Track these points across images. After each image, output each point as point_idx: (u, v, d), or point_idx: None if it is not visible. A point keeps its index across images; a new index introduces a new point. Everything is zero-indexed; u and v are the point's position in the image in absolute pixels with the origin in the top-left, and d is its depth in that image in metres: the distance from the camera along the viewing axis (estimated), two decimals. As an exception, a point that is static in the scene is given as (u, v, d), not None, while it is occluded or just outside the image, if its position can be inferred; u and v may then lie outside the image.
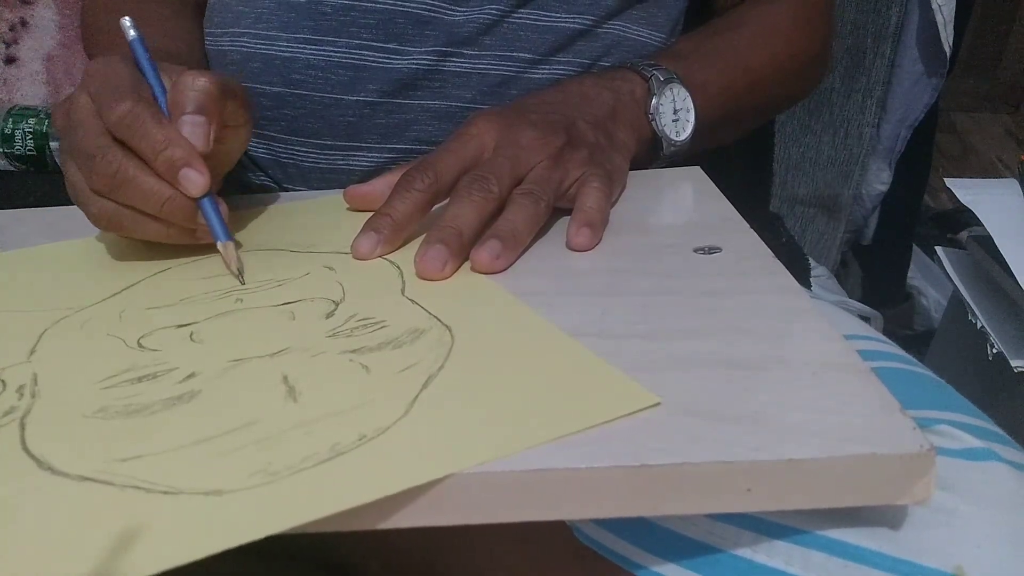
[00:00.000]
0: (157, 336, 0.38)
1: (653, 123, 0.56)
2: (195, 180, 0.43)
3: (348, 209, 0.52)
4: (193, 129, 0.43)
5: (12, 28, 0.91)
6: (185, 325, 0.39)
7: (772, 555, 0.32)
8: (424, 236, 0.43)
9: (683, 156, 0.58)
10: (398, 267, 0.44)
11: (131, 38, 0.46)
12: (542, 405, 0.31)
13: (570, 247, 0.45)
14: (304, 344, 0.37)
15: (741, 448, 0.28)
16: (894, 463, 0.28)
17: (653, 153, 0.57)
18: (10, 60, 0.91)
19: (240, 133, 0.48)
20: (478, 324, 0.38)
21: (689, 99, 0.57)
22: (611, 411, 0.30)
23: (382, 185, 0.50)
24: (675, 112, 0.56)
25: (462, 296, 0.40)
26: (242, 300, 0.42)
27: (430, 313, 0.39)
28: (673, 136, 0.57)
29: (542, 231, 0.46)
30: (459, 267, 0.43)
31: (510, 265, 0.43)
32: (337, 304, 0.40)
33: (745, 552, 0.32)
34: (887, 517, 0.31)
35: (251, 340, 0.37)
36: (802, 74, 0.68)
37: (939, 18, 0.85)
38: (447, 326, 0.37)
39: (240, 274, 0.44)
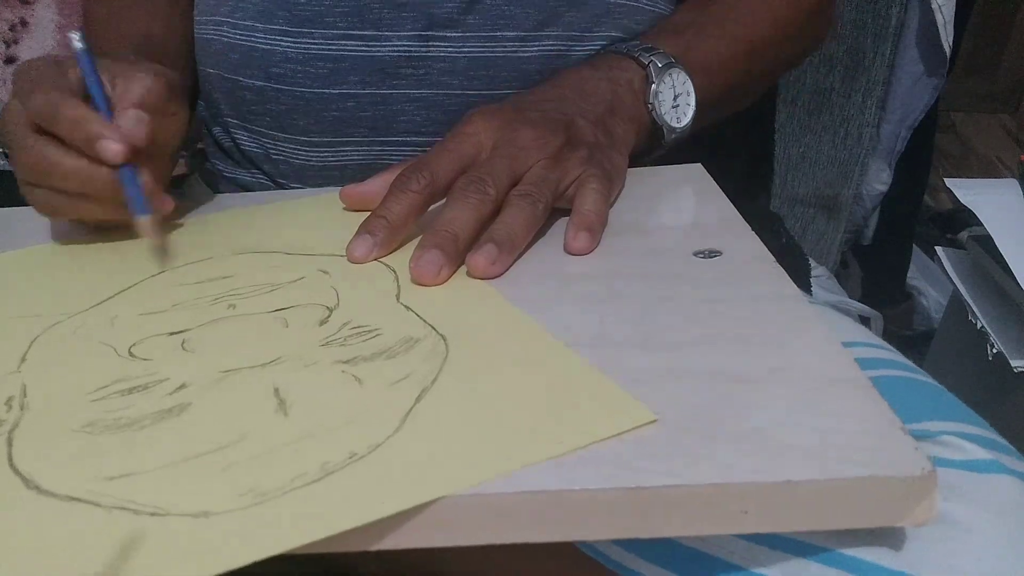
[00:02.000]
0: (148, 344, 0.38)
1: (653, 112, 0.55)
2: (110, 147, 0.45)
3: (344, 209, 0.52)
4: (136, 122, 0.46)
5: (12, 28, 0.91)
6: (177, 333, 0.39)
7: (768, 566, 0.31)
8: (419, 240, 0.43)
9: (685, 139, 0.57)
10: (393, 271, 0.43)
11: (78, 49, 0.49)
12: (537, 422, 0.31)
13: (568, 251, 0.44)
14: (297, 353, 0.36)
15: (738, 469, 0.28)
16: (895, 485, 0.28)
17: (654, 141, 0.56)
18: (10, 60, 0.91)
19: (172, 121, 0.51)
20: (473, 333, 0.37)
21: (689, 82, 0.55)
22: (608, 428, 0.30)
23: (378, 184, 0.50)
24: (675, 98, 0.55)
25: (457, 303, 0.40)
26: (235, 306, 0.41)
27: (424, 321, 0.38)
28: (674, 123, 0.55)
29: (539, 232, 0.46)
30: (455, 272, 0.42)
31: (507, 269, 0.43)
32: (331, 310, 0.40)
33: (742, 563, 0.32)
34: (887, 530, 0.31)
35: (243, 349, 0.37)
36: (803, 34, 0.66)
37: (939, 18, 0.84)
38: (442, 335, 0.37)
39: (161, 253, 0.45)
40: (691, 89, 0.56)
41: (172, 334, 0.39)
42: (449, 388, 0.33)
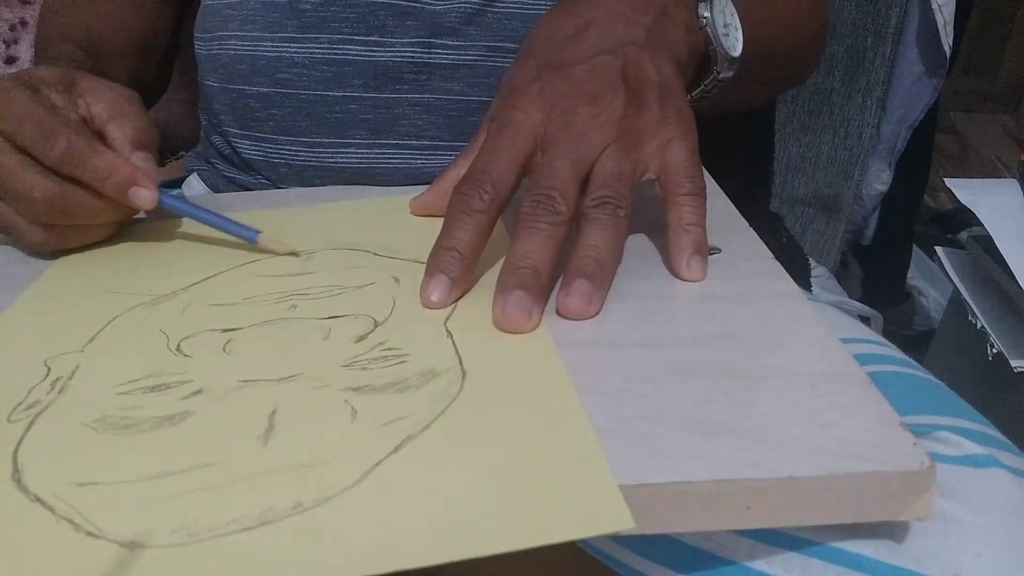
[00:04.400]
0: (197, 340, 0.38)
1: (707, 29, 0.48)
2: (144, 196, 0.47)
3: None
4: (146, 164, 0.49)
5: (12, 28, 0.91)
6: (229, 330, 0.39)
7: (771, 563, 0.32)
8: (497, 281, 0.39)
9: (717, 99, 0.51)
10: None
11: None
12: (506, 506, 0.27)
13: (683, 278, 0.41)
14: (315, 372, 0.35)
15: (740, 465, 0.28)
16: (894, 480, 0.28)
17: (700, 75, 0.50)
18: (10, 60, 0.92)
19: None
20: (496, 376, 0.34)
21: (736, 17, 0.50)
22: (578, 531, 0.27)
23: (440, 192, 0.49)
24: (724, 26, 0.49)
25: (500, 337, 0.37)
26: (296, 307, 0.41)
27: (456, 351, 0.36)
28: (730, 51, 0.49)
29: None
30: (543, 310, 0.38)
31: (603, 304, 0.39)
32: (376, 325, 0.39)
33: (744, 559, 0.32)
34: (887, 525, 0.31)
35: (271, 359, 0.36)
36: (809, 43, 0.65)
37: (939, 18, 0.84)
38: (464, 371, 0.35)
39: (294, 252, 0.47)
40: (738, 24, 0.50)
41: (225, 331, 0.39)
42: (433, 442, 0.31)
